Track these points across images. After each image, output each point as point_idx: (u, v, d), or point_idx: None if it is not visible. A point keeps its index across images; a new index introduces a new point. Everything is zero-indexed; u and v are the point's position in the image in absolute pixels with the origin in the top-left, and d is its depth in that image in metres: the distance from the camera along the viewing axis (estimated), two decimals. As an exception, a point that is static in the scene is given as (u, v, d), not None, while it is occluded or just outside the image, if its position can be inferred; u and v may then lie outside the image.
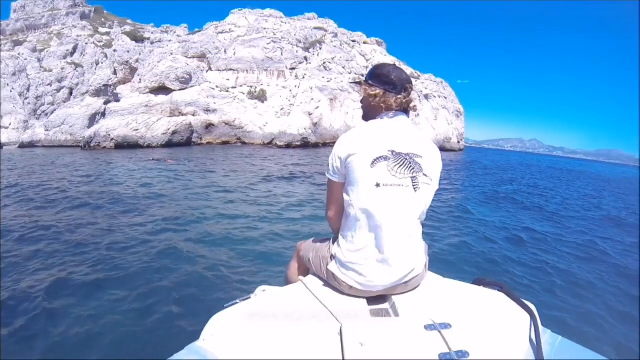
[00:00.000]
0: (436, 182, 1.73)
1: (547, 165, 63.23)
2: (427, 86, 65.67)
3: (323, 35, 55.15)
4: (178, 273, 5.86)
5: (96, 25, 57.38)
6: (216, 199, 11.60)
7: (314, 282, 1.72)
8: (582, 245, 9.56)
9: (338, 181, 1.73)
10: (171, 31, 56.49)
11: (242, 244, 7.40)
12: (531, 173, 37.38)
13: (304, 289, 1.65)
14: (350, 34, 62.59)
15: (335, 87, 46.57)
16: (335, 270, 1.65)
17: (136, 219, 9.07)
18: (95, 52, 46.43)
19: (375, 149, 1.61)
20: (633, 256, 9.03)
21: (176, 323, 4.53)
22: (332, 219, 1.85)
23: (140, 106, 38.31)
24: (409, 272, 1.61)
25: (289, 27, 54.22)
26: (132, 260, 6.41)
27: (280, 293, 1.58)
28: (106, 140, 33.40)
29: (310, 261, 1.86)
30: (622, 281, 7.22)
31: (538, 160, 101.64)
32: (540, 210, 14.12)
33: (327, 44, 52.74)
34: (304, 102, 44.05)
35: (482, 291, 1.70)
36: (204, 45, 47.18)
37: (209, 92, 41.63)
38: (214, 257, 6.64)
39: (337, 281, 1.64)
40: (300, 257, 2.01)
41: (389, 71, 1.81)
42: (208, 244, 7.40)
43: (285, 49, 48.33)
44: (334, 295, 1.61)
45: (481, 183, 22.65)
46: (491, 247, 8.64)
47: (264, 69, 46.99)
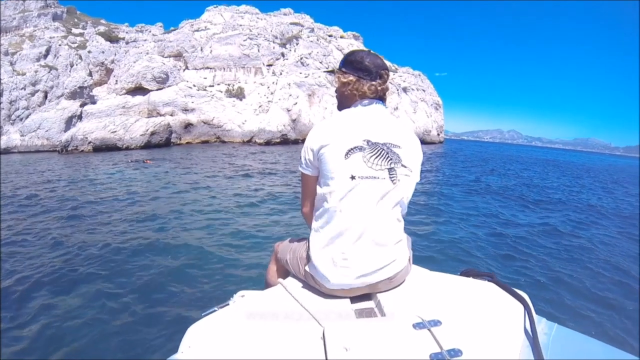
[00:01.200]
0: (416, 174, 1.68)
1: (527, 157, 64.40)
2: (405, 79, 66.31)
3: (299, 31, 55.33)
4: (151, 280, 5.67)
5: (69, 26, 56.31)
6: (193, 200, 11.54)
7: (293, 284, 1.67)
8: (567, 234, 9.85)
9: (311, 174, 1.68)
10: (146, 30, 55.78)
11: (220, 247, 7.22)
12: (510, 164, 38.24)
13: (284, 292, 1.59)
14: (327, 29, 62.76)
15: (313, 82, 46.75)
16: (312, 271, 1.59)
17: (111, 221, 9.00)
18: (69, 54, 45.48)
19: (350, 139, 1.56)
20: (615, 242, 9.36)
21: (149, 337, 4.39)
22: (307, 215, 1.79)
23: (118, 107, 38.11)
24: (391, 266, 1.55)
25: (265, 23, 54.26)
26: (104, 264, 6.30)
27: (259, 298, 1.52)
28: (84, 143, 33.24)
29: (288, 262, 1.80)
30: (608, 267, 7.39)
31: (517, 150, 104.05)
32: (522, 200, 14.51)
33: (303, 39, 52.98)
34: (282, 98, 44.20)
35: (472, 283, 1.66)
36: (180, 43, 46.89)
37: (187, 92, 41.46)
38: (190, 261, 6.46)
39: (316, 282, 1.58)
40: (278, 259, 1.92)
41: (362, 57, 1.74)
42: (185, 247, 7.22)
43: (262, 46, 48.37)
44: (315, 296, 1.55)
45: (462, 174, 23.28)
46: (476, 238, 8.62)
47: (241, 66, 46.93)
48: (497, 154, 68.05)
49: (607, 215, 12.83)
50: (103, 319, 4.69)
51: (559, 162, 56.00)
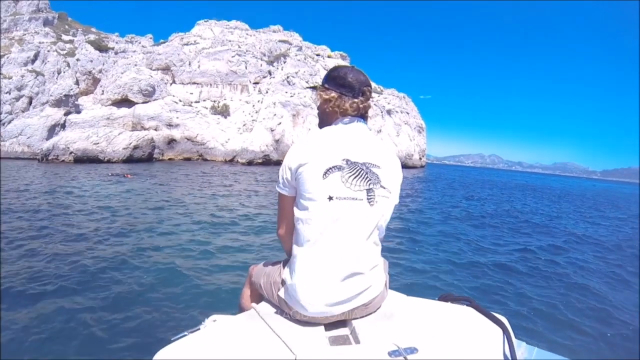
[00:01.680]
0: (396, 196, 1.64)
1: (508, 182, 63.62)
2: (390, 101, 66.95)
3: (287, 49, 55.86)
4: (119, 298, 5.46)
5: (59, 32, 56.51)
6: (169, 217, 11.30)
7: (267, 310, 1.62)
8: (546, 260, 9.90)
9: (288, 195, 1.63)
10: (136, 41, 56.23)
11: (194, 267, 7.00)
12: (491, 189, 38.14)
13: (257, 317, 1.53)
14: (315, 48, 63.43)
15: (298, 102, 46.98)
16: (285, 296, 1.55)
17: (84, 234, 8.79)
18: (57, 61, 45.53)
19: (328, 158, 1.51)
20: (592, 267, 9.46)
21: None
22: (283, 237, 1.72)
23: (102, 119, 38.28)
24: (367, 292, 1.51)
25: (254, 40, 54.99)
26: (72, 278, 6.09)
27: (231, 323, 1.47)
28: (65, 153, 33.07)
29: (262, 287, 1.74)
30: (585, 292, 7.42)
31: (498, 175, 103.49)
32: (501, 225, 14.62)
33: (291, 58, 53.43)
34: (267, 117, 44.41)
35: (450, 307, 1.64)
36: (169, 57, 47.30)
37: (172, 106, 41.70)
38: (162, 281, 6.21)
39: (289, 308, 1.53)
40: (252, 283, 1.87)
41: (346, 73, 1.71)
42: (157, 265, 6.98)
43: (250, 63, 48.85)
44: (288, 323, 1.50)
45: (442, 199, 23.44)
46: (455, 263, 8.58)
47: (228, 82, 47.32)
48: (479, 178, 67.54)
49: (584, 240, 13.16)
50: (64, 336, 4.44)
51: (539, 187, 55.70)
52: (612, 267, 9.78)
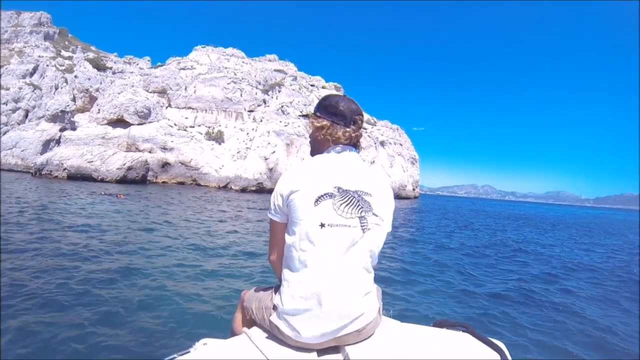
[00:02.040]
0: (388, 223, 1.64)
1: (501, 211, 61.52)
2: (383, 133, 67.81)
3: (282, 78, 56.67)
4: (106, 319, 5.28)
5: (59, 47, 57.03)
6: (160, 239, 11.10)
7: (258, 335, 1.60)
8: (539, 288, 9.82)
9: (280, 221, 1.64)
10: (134, 63, 57.03)
11: (184, 290, 6.83)
12: (485, 219, 37.09)
13: (248, 342, 1.52)
14: (310, 78, 64.44)
15: (292, 131, 47.30)
16: (277, 321, 1.54)
17: (74, 251, 8.69)
18: (55, 76, 46.05)
19: (320, 186, 1.53)
20: (589, 294, 9.29)
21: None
22: (274, 263, 1.74)
23: (97, 137, 38.71)
24: (360, 319, 1.50)
25: (249, 68, 55.79)
26: (56, 294, 5.95)
27: (222, 347, 1.45)
28: (59, 169, 33.32)
29: (254, 312, 1.73)
30: (581, 319, 7.31)
31: (491, 205, 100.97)
32: (496, 255, 14.44)
33: (286, 87, 54.25)
34: (261, 146, 44.77)
35: (445, 333, 1.62)
36: (165, 80, 47.94)
37: (167, 130, 42.08)
38: (150, 302, 6.05)
39: (281, 333, 1.52)
40: (244, 308, 1.85)
41: (337, 101, 1.74)
42: (146, 286, 6.81)
43: (245, 90, 49.58)
44: (280, 348, 1.49)
45: (435, 229, 22.91)
46: (449, 292, 8.52)
47: (223, 109, 47.90)
48: (472, 208, 66.61)
49: (579, 267, 13.12)
50: (49, 351, 4.35)
51: (532, 215, 53.87)
52: (609, 292, 9.71)
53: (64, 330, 4.78)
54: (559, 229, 31.72)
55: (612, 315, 7.82)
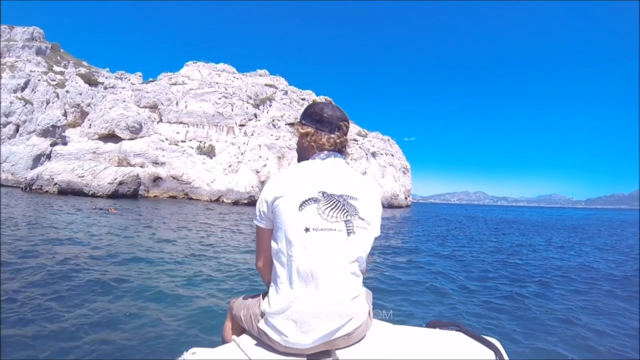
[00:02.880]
0: (375, 227, 1.64)
1: (493, 217, 60.21)
2: (375, 144, 68.10)
3: (273, 92, 57.08)
4: (94, 329, 5.30)
5: (51, 62, 57.25)
6: (151, 252, 11.10)
7: (247, 342, 1.58)
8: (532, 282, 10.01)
9: (266, 227, 1.64)
10: (125, 78, 57.36)
11: (176, 302, 6.84)
12: (477, 224, 36.61)
13: (237, 350, 1.50)
14: (300, 92, 64.87)
15: (283, 145, 47.46)
16: (265, 328, 1.53)
17: (63, 261, 8.75)
18: (47, 91, 45.99)
19: (304, 191, 1.53)
20: (582, 295, 9.15)
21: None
22: (261, 269, 1.73)
23: (88, 152, 38.86)
24: (349, 323, 1.49)
25: (240, 83, 56.16)
26: (46, 302, 6.02)
27: (211, 356, 1.43)
28: (49, 184, 33.30)
29: (242, 319, 1.73)
30: (575, 319, 7.18)
31: (483, 211, 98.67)
32: (490, 258, 14.42)
33: (277, 101, 54.66)
34: (252, 159, 45.03)
35: (438, 333, 1.61)
36: (157, 95, 48.19)
37: (159, 144, 42.23)
38: (142, 314, 6.02)
39: (270, 340, 1.51)
40: (233, 316, 1.84)
41: (322, 108, 1.75)
42: (137, 299, 6.79)
43: (236, 105, 49.89)
44: (269, 355, 1.48)
45: (428, 236, 22.91)
46: (442, 297, 8.45)
47: (214, 124, 48.17)
48: (465, 214, 65.48)
49: (575, 268, 13.17)
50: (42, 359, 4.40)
51: (525, 220, 51.79)
52: (605, 291, 9.66)
53: (53, 339, 4.81)
54: (554, 231, 31.64)
55: (610, 315, 7.65)
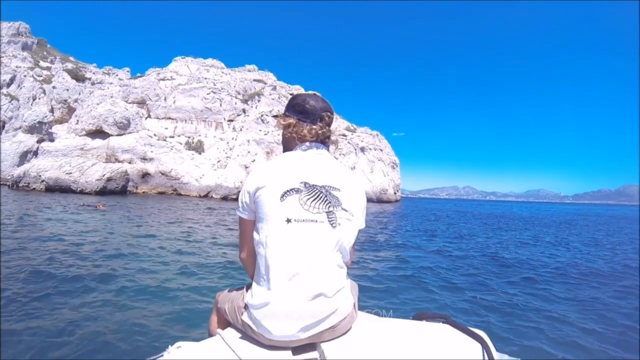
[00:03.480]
0: (359, 219, 1.63)
1: (482, 212, 58.04)
2: (363, 139, 68.24)
3: (262, 88, 56.90)
4: (83, 327, 5.25)
5: (37, 58, 56.61)
6: (138, 247, 11.08)
7: (232, 335, 1.57)
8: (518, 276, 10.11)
9: (248, 218, 1.63)
10: (113, 73, 56.83)
11: (162, 297, 6.81)
12: (466, 219, 35.55)
13: (222, 343, 1.48)
14: (289, 87, 64.59)
15: (272, 140, 47.39)
16: (249, 321, 1.51)
17: (49, 259, 8.71)
18: (33, 87, 45.55)
19: (286, 181, 1.52)
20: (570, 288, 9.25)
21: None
22: (245, 261, 1.72)
23: (75, 149, 38.56)
24: (333, 315, 1.47)
25: (229, 78, 55.92)
26: (30, 299, 6.05)
27: (195, 349, 1.41)
28: (36, 181, 33.08)
29: (227, 312, 1.71)
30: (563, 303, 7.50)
31: (472, 206, 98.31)
32: (479, 252, 14.47)
33: (265, 97, 54.44)
34: (241, 154, 45.03)
35: (425, 326, 1.59)
36: (145, 91, 47.89)
37: (147, 140, 42.01)
38: (127, 309, 6.01)
39: (254, 333, 1.49)
40: (218, 309, 1.83)
41: (304, 100, 1.74)
42: (122, 295, 6.78)
43: (225, 100, 49.77)
44: (254, 348, 1.46)
45: (416, 230, 23.10)
46: (429, 290, 8.47)
47: (203, 119, 48.00)
48: (453, 209, 65.59)
49: (563, 264, 13.21)
50: (28, 354, 4.41)
51: (514, 215, 50.95)
52: (593, 287, 9.68)
53: (35, 335, 4.82)
54: (543, 225, 31.64)
55: (592, 314, 7.45)
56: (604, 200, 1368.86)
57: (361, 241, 16.88)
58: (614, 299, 8.37)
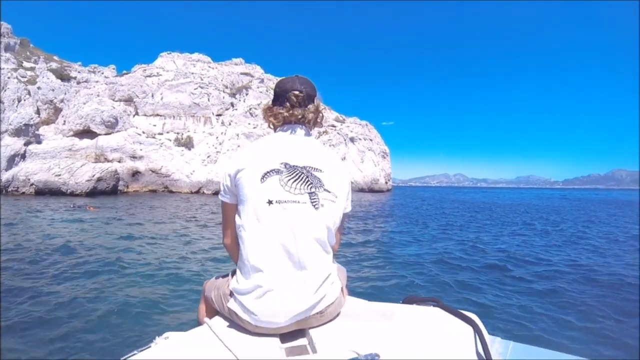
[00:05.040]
0: (343, 200, 1.60)
1: (473, 200, 57.86)
2: (353, 129, 68.60)
3: (249, 81, 56.75)
4: (76, 319, 5.37)
5: (21, 59, 55.80)
6: (128, 246, 11.16)
7: (219, 324, 1.55)
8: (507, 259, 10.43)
9: (230, 202, 1.61)
10: (99, 71, 56.13)
11: (151, 290, 6.89)
12: (456, 205, 36.49)
13: (209, 332, 1.46)
14: (277, 80, 63.48)
15: (261, 133, 47.01)
16: (234, 307, 1.48)
17: (38, 262, 8.72)
18: (17, 88, 44.44)
19: (266, 163, 1.50)
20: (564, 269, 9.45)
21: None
22: (229, 246, 1.69)
23: (64, 150, 38.14)
24: (320, 300, 1.45)
25: (216, 72, 55.76)
26: (22, 294, 6.22)
27: (183, 339, 1.39)
28: (25, 185, 32.87)
29: (213, 300, 1.68)
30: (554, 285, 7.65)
31: (464, 194, 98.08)
32: (468, 237, 14.88)
33: (253, 90, 54.38)
34: (231, 149, 44.98)
35: (415, 309, 1.58)
36: (132, 88, 47.55)
37: (136, 138, 41.85)
38: (116, 306, 6.02)
39: (240, 320, 1.46)
40: (205, 298, 1.79)
41: (284, 83, 1.71)
42: (114, 288, 6.89)
43: (212, 95, 49.67)
44: (241, 336, 1.43)
45: (408, 218, 23.54)
46: (421, 274, 8.57)
47: (191, 114, 47.87)
48: (445, 197, 64.43)
49: (552, 243, 13.50)
50: (20, 348, 4.51)
51: (507, 202, 50.21)
52: (593, 267, 9.87)
53: (26, 329, 5.00)
54: (531, 214, 30.79)
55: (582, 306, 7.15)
56: (594, 185, 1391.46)
57: (355, 229, 17.13)
58: (605, 289, 8.19)
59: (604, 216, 27.62)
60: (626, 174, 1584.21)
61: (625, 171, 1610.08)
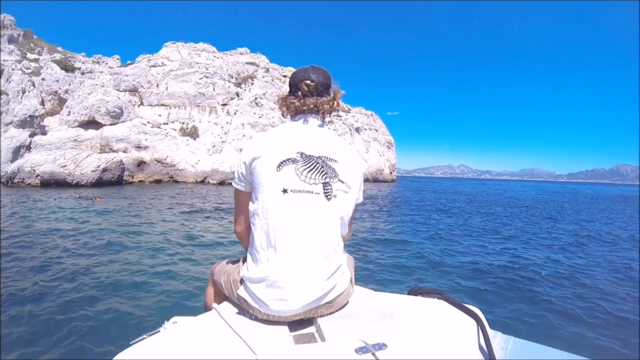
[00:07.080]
0: (356, 191, 1.61)
1: (477, 192, 58.96)
2: (358, 119, 68.55)
3: (255, 71, 56.52)
4: (79, 305, 5.49)
5: (25, 50, 55.80)
6: (135, 235, 11.26)
7: (228, 309, 1.57)
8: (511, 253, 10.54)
9: (244, 190, 1.61)
10: (103, 62, 56.00)
11: (159, 275, 7.05)
12: (460, 197, 36.11)
13: (218, 317, 1.48)
14: (282, 69, 64.01)
15: (266, 122, 47.19)
16: (244, 294, 1.50)
17: (46, 252, 8.82)
18: (22, 80, 44.47)
19: (282, 151, 1.50)
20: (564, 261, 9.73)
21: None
22: (240, 234, 1.70)
23: (69, 140, 38.07)
24: (330, 290, 1.47)
25: (221, 62, 55.48)
26: (30, 280, 6.37)
27: (192, 324, 1.41)
28: (31, 176, 32.65)
29: (223, 286, 1.68)
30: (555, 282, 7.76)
31: (468, 185, 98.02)
32: (475, 229, 15.06)
33: (258, 79, 54.10)
34: (236, 138, 45.04)
35: (420, 301, 1.61)
36: (136, 78, 47.48)
37: (141, 128, 41.74)
38: (124, 289, 6.20)
39: (250, 307, 1.48)
40: (214, 282, 1.79)
41: (298, 72, 1.72)
42: (122, 276, 7.01)
43: (217, 84, 49.49)
44: (249, 322, 1.46)
45: (414, 208, 23.85)
46: (427, 264, 8.72)
47: (196, 104, 47.76)
48: (450, 189, 63.91)
49: (554, 237, 13.63)
50: (27, 337, 4.60)
51: (515, 196, 49.93)
52: (595, 262, 10.07)
53: (37, 317, 5.10)
54: (535, 207, 31.45)
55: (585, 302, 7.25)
56: (598, 179, 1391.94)
57: (362, 217, 17.35)
58: (611, 286, 8.28)
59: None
60: (631, 169, 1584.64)
61: (631, 166, 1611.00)
